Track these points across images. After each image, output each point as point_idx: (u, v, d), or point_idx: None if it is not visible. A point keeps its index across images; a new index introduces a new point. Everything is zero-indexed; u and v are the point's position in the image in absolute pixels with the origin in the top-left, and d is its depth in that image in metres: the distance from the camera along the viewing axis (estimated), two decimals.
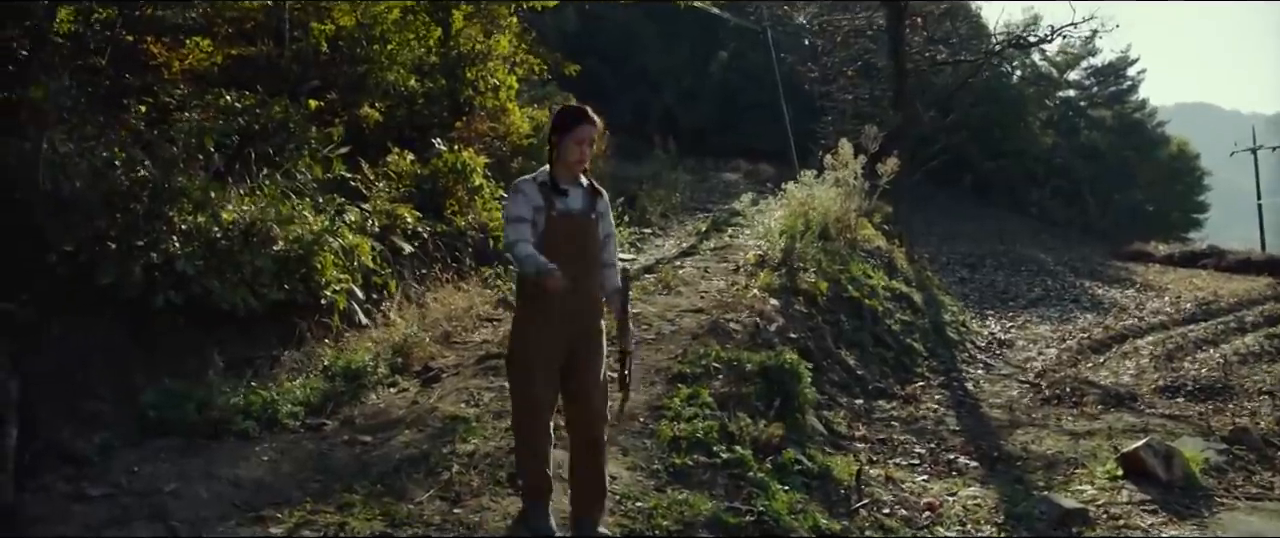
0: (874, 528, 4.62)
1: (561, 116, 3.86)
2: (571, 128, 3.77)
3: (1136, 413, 7.55)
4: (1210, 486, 5.41)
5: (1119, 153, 37.97)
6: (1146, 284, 18.01)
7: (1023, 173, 36.23)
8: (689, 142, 27.99)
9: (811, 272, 9.48)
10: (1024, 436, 6.85)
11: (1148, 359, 10.05)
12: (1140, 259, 23.10)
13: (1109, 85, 41.26)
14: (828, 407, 6.98)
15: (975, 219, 29.87)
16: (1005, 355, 10.73)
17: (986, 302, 15.32)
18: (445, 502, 4.02)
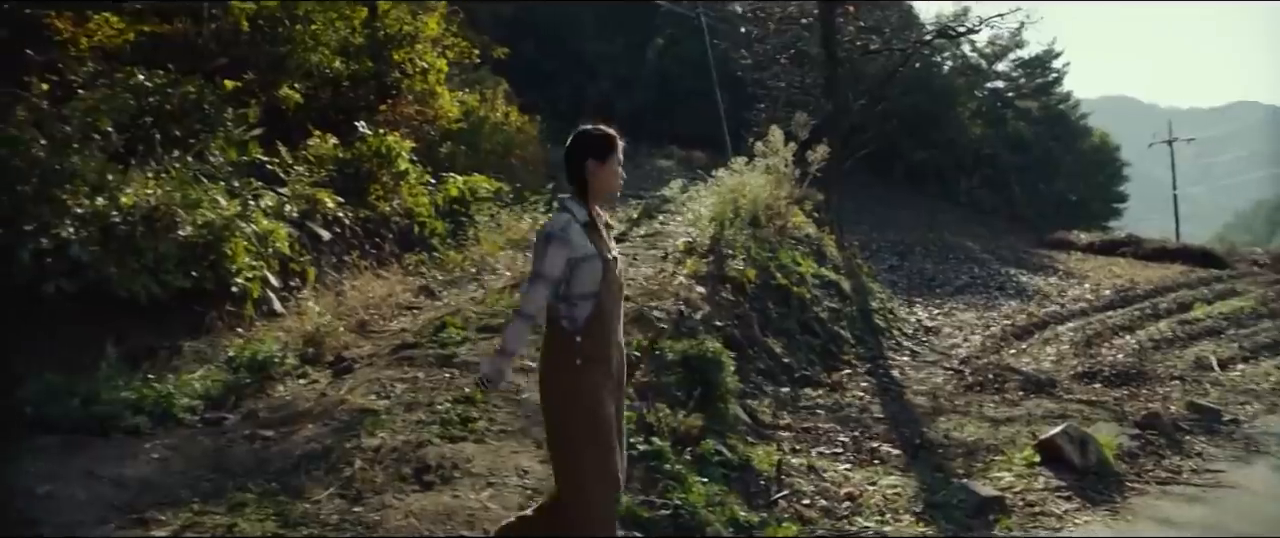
0: (793, 519, 4.55)
1: (598, 141, 3.30)
2: (611, 151, 3.30)
3: (1055, 399, 7.63)
4: (1123, 471, 5.47)
5: (1044, 143, 38.87)
6: (1068, 272, 18.42)
7: (953, 162, 36.86)
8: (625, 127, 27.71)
9: (740, 259, 9.42)
10: (946, 423, 6.87)
11: (1068, 345, 10.22)
12: (1063, 247, 23.65)
13: (1035, 77, 42.10)
14: (753, 395, 6.92)
15: (907, 207, 30.32)
16: (931, 342, 10.82)
17: (915, 289, 15.49)
18: (345, 500, 3.84)
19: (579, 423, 3.20)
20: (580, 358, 3.19)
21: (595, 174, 3.26)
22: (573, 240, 3.15)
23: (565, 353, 3.21)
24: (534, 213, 12.61)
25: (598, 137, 3.31)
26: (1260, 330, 11.73)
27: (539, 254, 3.17)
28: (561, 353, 3.22)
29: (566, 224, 3.18)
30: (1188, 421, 6.79)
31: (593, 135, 3.31)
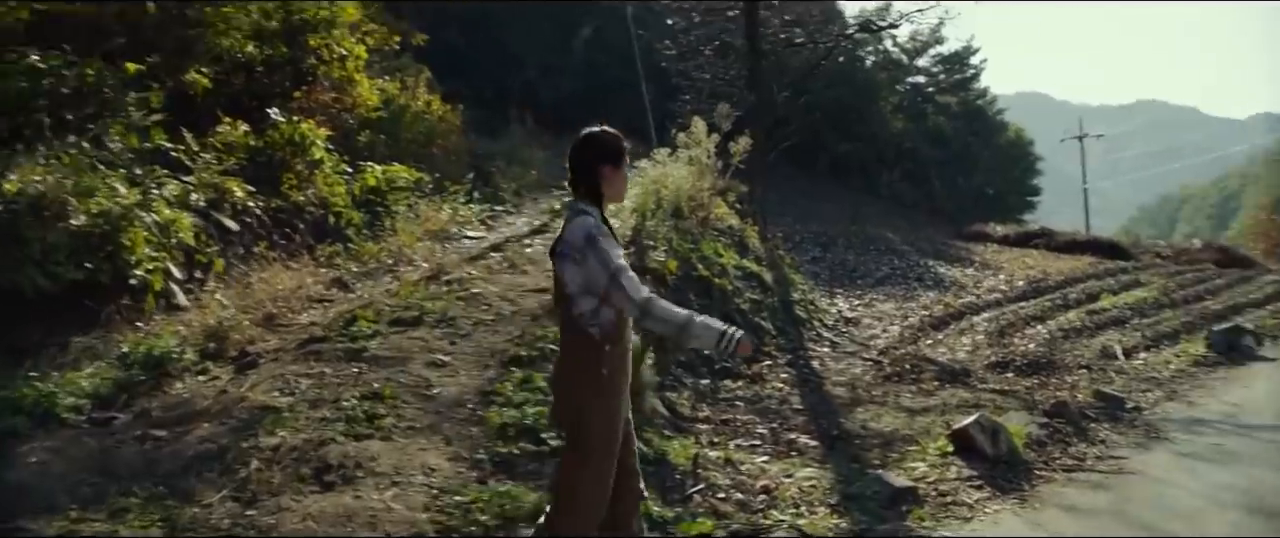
0: (708, 513, 4.51)
1: (614, 144, 3.23)
2: (624, 156, 3.26)
3: (970, 389, 7.76)
4: (1032, 459, 5.57)
5: (963, 138, 39.72)
6: (984, 263, 18.85)
7: (875, 155, 37.41)
8: (551, 118, 27.59)
9: (662, 250, 9.37)
10: (864, 413, 6.92)
11: (983, 335, 10.42)
12: (980, 239, 24.22)
13: (954, 73, 42.89)
14: (672, 388, 6.87)
15: (830, 199, 30.70)
16: (851, 333, 10.93)
17: (837, 280, 15.66)
18: (238, 503, 3.66)
19: (599, 432, 3.14)
20: (607, 367, 3.13)
21: (609, 179, 3.19)
22: (609, 235, 3.11)
23: (593, 361, 3.12)
24: (454, 203, 12.39)
25: (612, 140, 3.22)
26: (1162, 320, 12.16)
27: (600, 259, 3.02)
28: (589, 361, 3.12)
29: (597, 225, 3.09)
30: (1094, 409, 6.96)
31: (607, 138, 3.22)
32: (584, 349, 3.11)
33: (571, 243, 3.06)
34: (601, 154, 3.18)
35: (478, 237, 11.43)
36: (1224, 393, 8.04)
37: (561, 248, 3.11)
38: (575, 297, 3.09)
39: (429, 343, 6.05)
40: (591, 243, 3.03)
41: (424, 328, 6.42)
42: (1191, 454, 5.91)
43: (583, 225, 3.07)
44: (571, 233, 3.09)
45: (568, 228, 3.13)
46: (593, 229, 3.05)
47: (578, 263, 3.04)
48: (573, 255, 3.05)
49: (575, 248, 3.05)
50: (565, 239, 3.11)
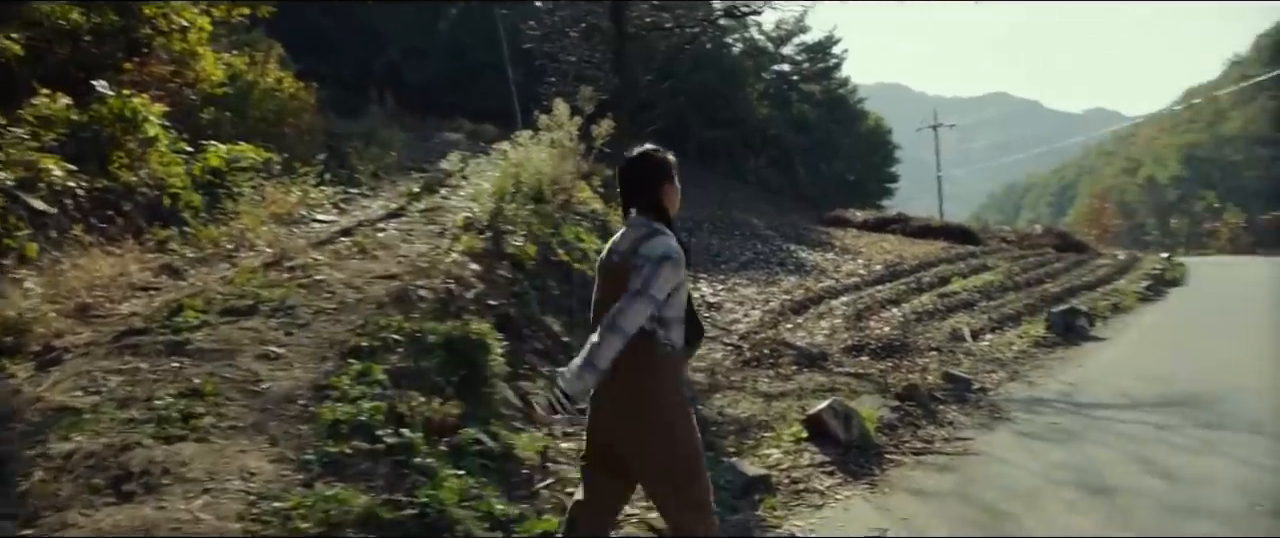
0: (556, 510, 4.32)
1: (670, 163, 3.31)
2: (675, 169, 3.33)
3: (826, 373, 7.85)
4: (882, 443, 5.63)
5: (825, 126, 40.80)
6: (844, 248, 19.35)
7: (742, 141, 37.99)
8: (416, 100, 26.80)
9: (521, 235, 9.10)
10: (722, 399, 6.89)
11: (840, 319, 10.62)
12: (841, 224, 24.90)
13: (817, 62, 43.99)
14: (527, 377, 6.64)
15: (698, 185, 30.88)
16: (713, 318, 10.95)
17: (701, 265, 15.74)
18: (11, 520, 3.24)
19: (695, 443, 3.19)
20: (679, 382, 3.21)
21: (670, 196, 3.26)
22: (682, 265, 3.10)
23: (670, 376, 3.15)
24: (304, 185, 11.76)
25: (667, 158, 3.32)
26: (1006, 302, 12.72)
27: (651, 275, 3.00)
28: (667, 376, 3.14)
29: (677, 249, 3.09)
30: (942, 391, 7.14)
31: (664, 158, 3.31)
32: (662, 363, 3.12)
33: (647, 255, 3.04)
34: (663, 172, 3.26)
35: (329, 220, 10.86)
36: (1061, 372, 8.41)
37: (633, 259, 3.07)
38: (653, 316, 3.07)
39: (262, 334, 5.63)
40: (659, 262, 3.03)
41: (258, 318, 5.97)
42: (1031, 434, 6.12)
43: (666, 244, 3.08)
44: (651, 247, 3.06)
45: (646, 243, 3.08)
46: (671, 250, 3.07)
47: (638, 270, 3.03)
48: (641, 264, 3.03)
49: (645, 257, 3.04)
50: (640, 253, 3.06)
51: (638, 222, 3.22)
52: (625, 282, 3.04)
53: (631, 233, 3.18)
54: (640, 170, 3.26)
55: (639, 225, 3.19)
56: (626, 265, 3.08)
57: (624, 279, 3.05)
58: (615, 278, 3.13)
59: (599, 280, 3.32)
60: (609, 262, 3.24)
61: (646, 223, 3.18)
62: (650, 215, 3.19)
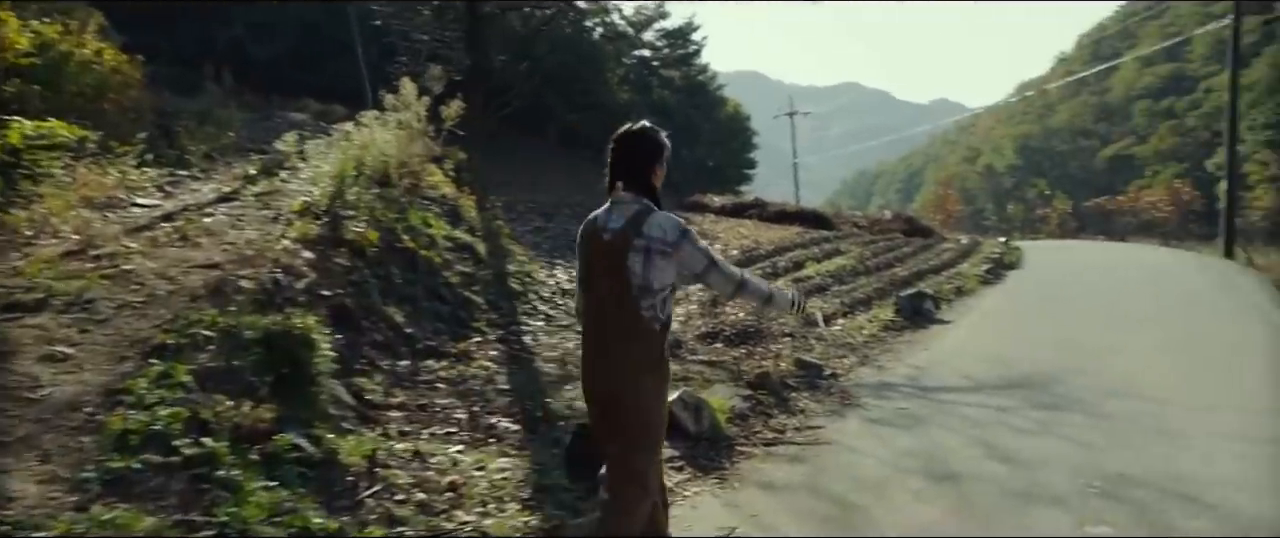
0: (382, 520, 3.96)
1: (662, 144, 3.37)
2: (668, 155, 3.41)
3: (680, 361, 7.71)
4: (733, 434, 5.50)
5: (685, 112, 41.07)
6: (702, 232, 19.36)
7: (604, 125, 37.76)
8: (264, 78, 25.33)
9: (362, 221, 8.59)
10: (572, 391, 6.62)
11: (696, 305, 10.53)
12: (699, 210, 25.05)
13: (677, 48, 44.28)
14: (364, 373, 6.22)
15: (560, 170, 30.63)
16: (568, 306, 10.67)
17: (558, 251, 15.43)
18: None
19: (658, 414, 3.30)
20: (665, 352, 3.30)
21: (659, 177, 3.31)
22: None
23: (658, 350, 3.23)
24: (124, 166, 10.79)
25: (663, 140, 3.35)
26: (858, 287, 12.97)
27: (696, 241, 3.21)
28: (655, 350, 3.23)
29: (680, 218, 3.23)
30: (795, 378, 7.11)
31: (661, 140, 3.34)
32: (652, 337, 3.20)
33: (664, 238, 3.12)
34: (657, 152, 3.30)
35: (151, 204, 9.99)
36: (909, 356, 8.55)
37: (643, 242, 3.12)
38: (647, 289, 3.14)
39: (51, 332, 4.99)
40: (686, 235, 3.18)
41: (49, 313, 5.31)
42: (880, 420, 6.13)
43: (672, 220, 3.19)
44: (659, 227, 3.14)
45: (649, 222, 3.14)
46: (687, 227, 3.20)
47: (666, 255, 3.12)
48: (662, 249, 3.12)
49: (668, 242, 3.13)
50: (649, 234, 3.12)
51: (627, 198, 3.23)
52: (621, 258, 3.13)
53: (624, 210, 3.21)
54: (635, 147, 3.29)
55: (629, 202, 3.22)
56: (623, 243, 3.13)
57: (619, 256, 3.14)
58: (608, 254, 3.18)
59: (586, 256, 3.37)
60: (597, 238, 3.26)
61: (637, 200, 3.22)
62: (637, 192, 3.23)
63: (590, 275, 3.32)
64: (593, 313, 3.33)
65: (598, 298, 3.27)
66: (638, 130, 3.34)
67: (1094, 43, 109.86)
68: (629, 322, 3.17)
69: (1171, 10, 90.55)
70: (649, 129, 3.37)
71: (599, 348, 3.27)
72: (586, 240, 3.34)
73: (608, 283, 3.21)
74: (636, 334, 3.18)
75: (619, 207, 3.24)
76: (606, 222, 3.25)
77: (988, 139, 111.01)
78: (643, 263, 3.13)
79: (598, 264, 3.25)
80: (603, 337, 3.26)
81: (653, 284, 3.15)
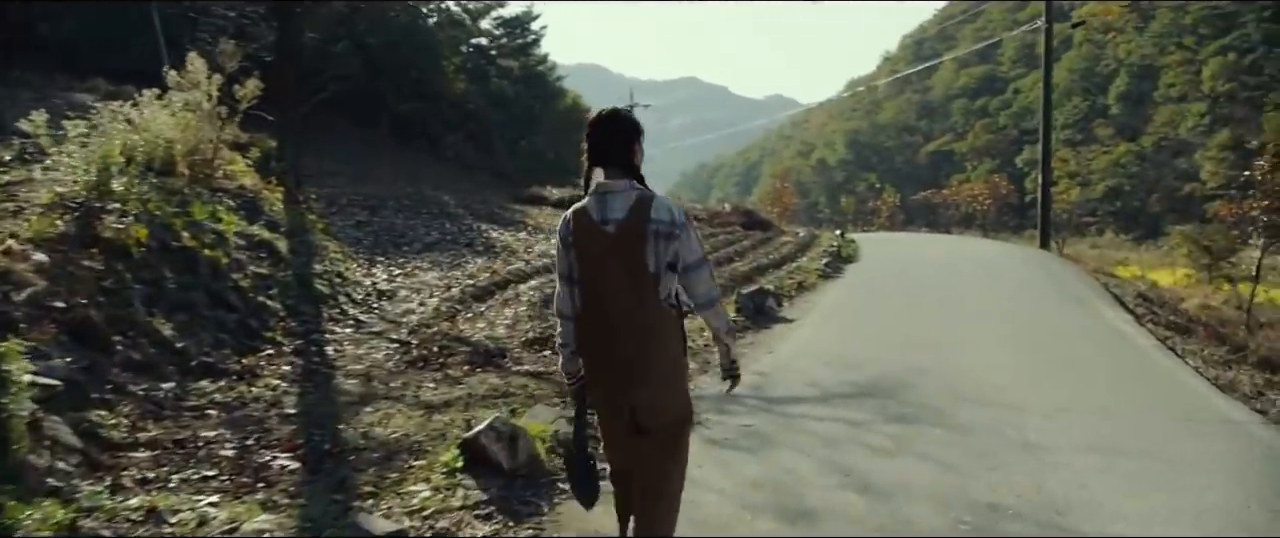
0: None
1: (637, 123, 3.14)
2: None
3: (503, 372, 6.86)
4: (556, 469, 4.67)
5: (524, 102, 40.14)
6: (538, 226, 18.55)
7: (439, 116, 36.37)
8: (57, 58, 22.59)
9: (131, 215, 7.29)
10: (373, 414, 5.67)
11: (526, 306, 9.70)
12: (537, 202, 24.17)
13: (516, 37, 43.27)
14: (105, 404, 5.06)
15: (390, 161, 29.04)
16: (383, 309, 9.63)
17: (381, 247, 14.24)
18: None
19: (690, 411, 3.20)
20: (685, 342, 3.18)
21: (640, 158, 3.12)
22: None
23: (681, 342, 3.10)
24: None
25: (637, 120, 3.16)
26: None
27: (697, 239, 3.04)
28: (683, 339, 3.11)
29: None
30: None
31: (635, 119, 3.16)
32: (678, 332, 3.07)
33: (671, 221, 2.95)
34: (635, 131, 3.09)
35: None
36: (753, 361, 7.99)
37: (655, 226, 2.92)
38: (664, 275, 2.96)
39: None
40: (690, 219, 3.04)
41: None
42: (724, 441, 5.44)
43: (672, 202, 3.02)
44: (665, 211, 2.96)
45: (655, 207, 2.95)
46: (682, 208, 3.05)
47: (671, 239, 2.94)
48: (669, 232, 2.94)
49: (676, 224, 2.95)
50: (657, 218, 2.93)
51: (619, 185, 2.99)
52: (637, 249, 2.90)
53: (622, 197, 2.96)
54: (613, 130, 3.07)
55: (624, 188, 2.98)
56: (637, 232, 2.90)
57: (634, 247, 2.90)
58: (620, 247, 2.91)
59: (584, 252, 3.00)
60: (597, 232, 2.95)
61: (631, 184, 3.00)
62: (623, 175, 3.01)
63: (591, 273, 3.00)
64: (599, 316, 3.00)
65: (604, 297, 2.97)
66: (611, 113, 3.15)
67: (916, 43, 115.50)
68: (655, 318, 2.95)
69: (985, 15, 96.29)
70: (621, 110, 3.19)
71: (620, 352, 2.97)
72: (582, 236, 3.00)
73: (622, 279, 2.94)
74: (665, 327, 2.98)
75: (614, 195, 2.97)
76: (604, 212, 2.96)
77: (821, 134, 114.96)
78: (654, 251, 2.94)
79: (605, 261, 2.96)
80: (625, 340, 2.96)
81: (663, 272, 2.96)
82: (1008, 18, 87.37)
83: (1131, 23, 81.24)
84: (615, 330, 2.96)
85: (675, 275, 2.98)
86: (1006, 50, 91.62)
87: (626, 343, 2.95)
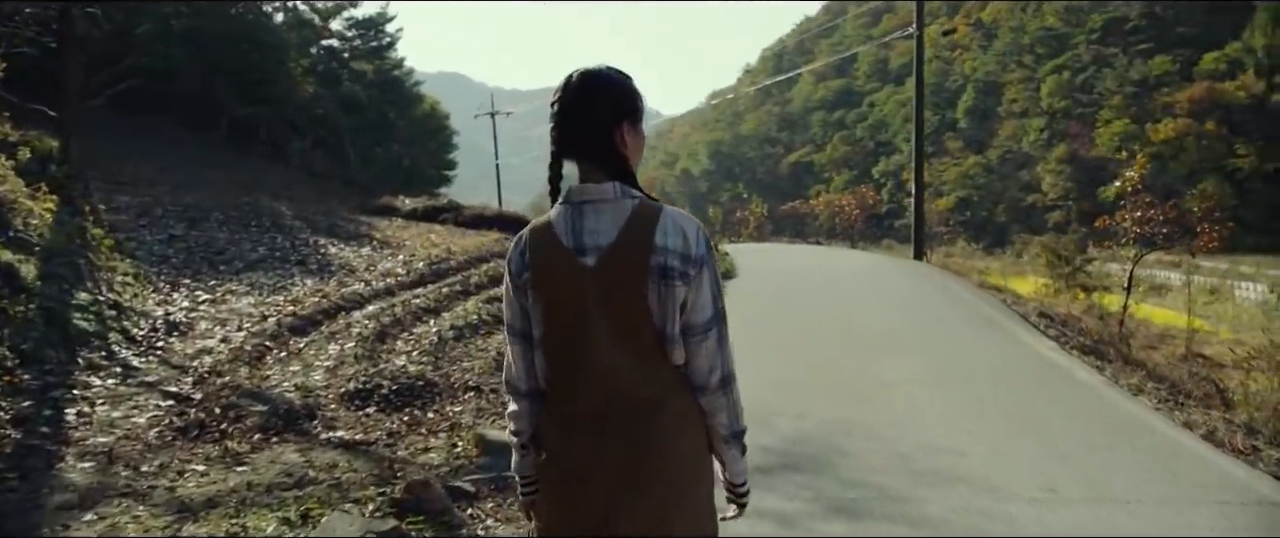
0: None
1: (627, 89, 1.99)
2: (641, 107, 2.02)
3: (306, 443, 5.15)
4: None
5: (379, 107, 38.06)
6: (385, 241, 16.59)
7: (285, 121, 33.82)
8: None
9: None
10: (92, 526, 3.90)
11: (355, 343, 7.92)
12: (387, 213, 22.14)
13: (370, 40, 41.25)
14: None
15: (226, 167, 26.35)
16: (171, 347, 7.68)
17: (192, 267, 12.07)
18: None
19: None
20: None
21: (631, 146, 1.99)
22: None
23: (703, 437, 2.00)
24: None
25: (630, 86, 2.01)
26: None
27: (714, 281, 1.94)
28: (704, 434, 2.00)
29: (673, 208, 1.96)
30: (472, 475, 4.67)
31: (625, 85, 2.00)
32: (698, 424, 1.96)
33: (689, 253, 1.87)
34: (621, 103, 1.97)
35: None
36: None
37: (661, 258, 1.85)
38: (671, 337, 1.89)
39: None
40: (713, 251, 1.95)
41: None
42: None
43: (695, 224, 1.93)
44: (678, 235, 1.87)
45: (660, 225, 1.87)
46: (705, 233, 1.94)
47: (685, 280, 1.86)
48: (683, 270, 1.86)
49: (695, 259, 1.88)
50: (666, 247, 1.85)
51: (603, 190, 1.91)
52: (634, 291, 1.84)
53: (609, 212, 1.89)
54: (594, 97, 1.94)
55: (612, 197, 1.90)
56: (634, 266, 1.84)
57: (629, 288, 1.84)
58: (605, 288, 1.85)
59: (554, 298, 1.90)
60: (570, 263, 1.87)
61: (623, 190, 1.92)
62: (606, 174, 1.92)
63: (561, 329, 1.91)
64: (573, 392, 1.91)
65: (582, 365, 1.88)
66: (594, 71, 1.98)
67: (776, 56, 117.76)
68: (663, 392, 1.89)
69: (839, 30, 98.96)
70: (604, 71, 1.99)
71: (610, 448, 1.87)
72: (546, 271, 1.91)
73: (612, 340, 1.86)
74: (679, 408, 1.91)
75: (595, 207, 1.90)
76: (579, 235, 1.89)
77: (684, 145, 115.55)
78: (659, 296, 1.86)
79: (583, 310, 1.87)
80: (616, 429, 1.87)
81: (671, 327, 1.88)
82: (862, 33, 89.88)
83: (976, 41, 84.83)
84: (603, 416, 1.89)
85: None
86: (862, 65, 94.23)
87: (618, 433, 1.89)
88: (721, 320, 1.92)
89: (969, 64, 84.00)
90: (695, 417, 1.96)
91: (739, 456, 2.01)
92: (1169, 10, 70.02)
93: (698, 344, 1.90)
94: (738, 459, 2.01)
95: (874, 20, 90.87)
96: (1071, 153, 67.05)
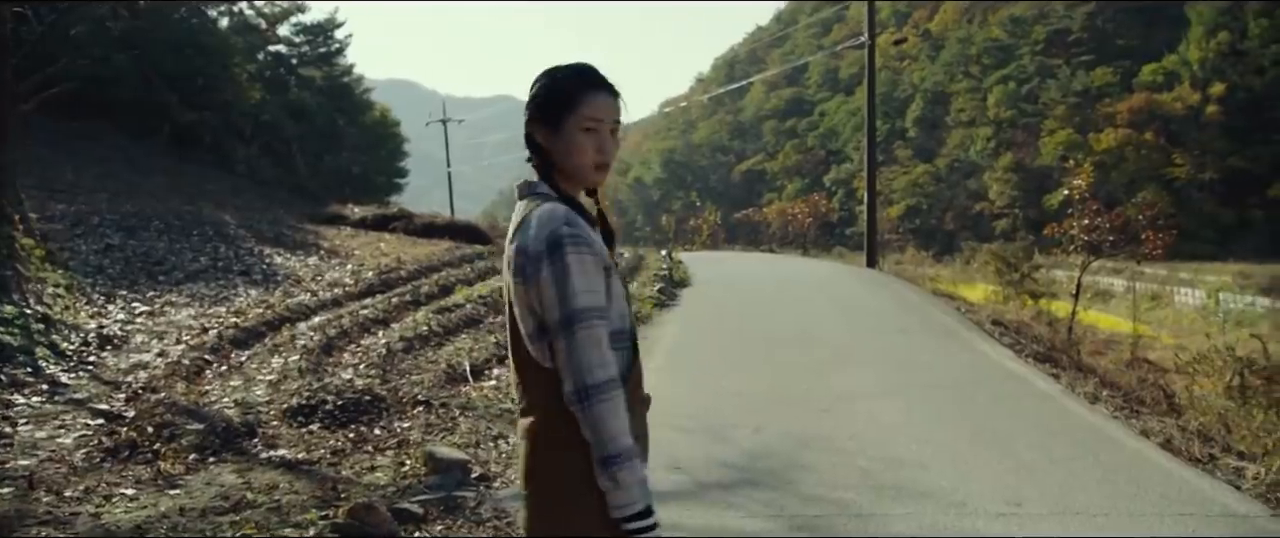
0: None
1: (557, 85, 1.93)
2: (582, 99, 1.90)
3: (244, 463, 4.90)
4: None
5: (328, 114, 37.50)
6: (333, 250, 16.24)
7: (230, 127, 33.08)
8: None
9: None
10: None
11: (299, 355, 7.63)
12: (335, 222, 21.72)
13: (319, 46, 40.61)
14: None
15: (169, 175, 25.68)
16: (103, 362, 7.35)
17: (129, 277, 11.65)
18: None
19: None
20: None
21: (556, 145, 1.93)
22: (590, 239, 1.84)
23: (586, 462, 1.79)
24: None
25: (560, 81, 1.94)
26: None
27: (563, 269, 1.78)
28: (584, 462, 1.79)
29: (570, 218, 1.84)
30: (420, 496, 4.44)
31: (537, 85, 1.96)
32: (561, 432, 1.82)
33: (528, 249, 1.83)
34: (540, 101, 1.94)
35: None
36: None
37: (522, 259, 1.84)
38: (533, 337, 1.86)
39: None
40: (555, 250, 1.79)
41: None
42: None
43: (549, 217, 1.84)
44: (527, 229, 1.86)
45: (526, 224, 1.87)
46: (561, 228, 1.80)
47: (528, 281, 1.83)
48: (525, 267, 1.84)
49: (530, 254, 1.83)
50: (522, 247, 1.85)
51: (520, 188, 1.98)
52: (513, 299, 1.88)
53: (519, 209, 1.94)
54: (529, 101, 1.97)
55: (524, 194, 1.95)
56: (508, 264, 1.89)
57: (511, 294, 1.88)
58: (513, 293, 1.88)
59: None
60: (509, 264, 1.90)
61: (529, 188, 1.95)
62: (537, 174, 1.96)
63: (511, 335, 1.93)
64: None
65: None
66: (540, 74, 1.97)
67: (728, 65, 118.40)
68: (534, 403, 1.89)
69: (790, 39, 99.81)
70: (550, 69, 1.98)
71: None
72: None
73: (510, 342, 1.93)
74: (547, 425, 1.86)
75: (516, 206, 1.95)
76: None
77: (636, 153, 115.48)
78: (519, 293, 1.85)
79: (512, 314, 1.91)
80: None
81: (526, 327, 1.86)
82: (813, 43, 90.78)
83: (924, 52, 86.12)
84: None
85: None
86: (813, 74, 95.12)
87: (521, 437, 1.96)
88: (570, 325, 1.78)
89: (917, 74, 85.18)
90: (562, 429, 1.82)
91: (611, 486, 1.77)
92: (1109, 22, 71.74)
93: (555, 350, 1.81)
94: (611, 489, 1.78)
95: (824, 30, 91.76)
96: (1017, 161, 68.26)
